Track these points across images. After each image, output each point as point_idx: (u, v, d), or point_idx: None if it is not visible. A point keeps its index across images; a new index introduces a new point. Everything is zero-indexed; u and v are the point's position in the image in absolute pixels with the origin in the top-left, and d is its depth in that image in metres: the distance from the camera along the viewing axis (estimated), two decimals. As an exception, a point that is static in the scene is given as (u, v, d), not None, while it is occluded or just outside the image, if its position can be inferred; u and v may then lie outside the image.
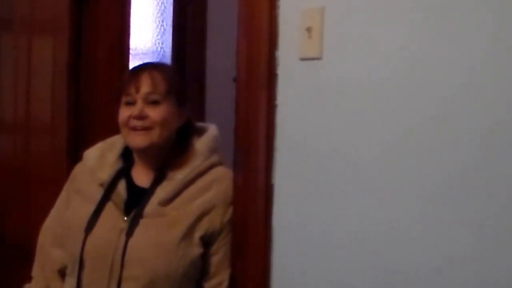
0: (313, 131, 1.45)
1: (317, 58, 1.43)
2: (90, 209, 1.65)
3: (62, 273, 1.73)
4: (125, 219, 1.62)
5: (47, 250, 1.77)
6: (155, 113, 1.63)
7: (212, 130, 1.75)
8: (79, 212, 1.68)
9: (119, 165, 1.72)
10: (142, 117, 1.62)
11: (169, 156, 1.68)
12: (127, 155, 1.73)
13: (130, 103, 1.65)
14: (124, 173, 1.71)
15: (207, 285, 1.64)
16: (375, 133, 1.32)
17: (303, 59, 1.47)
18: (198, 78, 3.15)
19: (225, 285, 1.63)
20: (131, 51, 2.49)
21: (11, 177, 2.53)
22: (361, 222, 1.34)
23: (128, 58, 2.45)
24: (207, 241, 1.62)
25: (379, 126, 1.31)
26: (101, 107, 2.32)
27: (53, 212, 1.81)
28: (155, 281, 1.57)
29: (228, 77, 2.26)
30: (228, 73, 2.23)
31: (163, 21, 3.22)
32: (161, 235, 1.59)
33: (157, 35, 3.21)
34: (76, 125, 2.33)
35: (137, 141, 1.64)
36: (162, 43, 3.22)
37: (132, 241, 1.58)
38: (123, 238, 1.59)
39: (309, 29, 1.43)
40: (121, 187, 1.68)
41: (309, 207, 1.46)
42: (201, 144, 1.70)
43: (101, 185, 1.68)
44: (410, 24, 1.26)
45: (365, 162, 1.33)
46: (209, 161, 1.68)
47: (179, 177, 1.65)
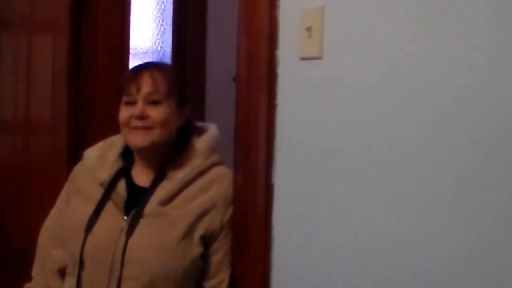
0: (313, 131, 1.45)
1: (317, 57, 1.43)
2: (90, 209, 1.65)
3: (62, 272, 1.73)
4: (125, 218, 1.62)
5: (47, 249, 1.77)
6: (156, 113, 1.63)
7: (212, 129, 1.75)
8: (79, 211, 1.68)
9: (119, 165, 1.72)
10: (143, 117, 1.62)
11: (169, 155, 1.68)
12: (127, 154, 1.73)
13: (130, 103, 1.64)
14: (124, 172, 1.71)
15: (207, 285, 1.64)
16: (375, 132, 1.32)
17: (303, 59, 1.47)
18: (198, 77, 3.15)
19: (225, 285, 1.63)
20: (131, 51, 2.49)
21: (11, 177, 2.52)
22: (361, 222, 1.34)
23: (128, 58, 2.44)
24: (207, 241, 1.62)
25: (379, 125, 1.31)
26: (101, 107, 2.32)
27: (53, 211, 1.81)
28: (155, 280, 1.57)
29: (228, 76, 2.26)
30: (228, 73, 2.24)
31: (163, 21, 3.22)
32: (161, 235, 1.59)
33: (157, 35, 3.20)
34: (76, 125, 2.33)
35: (137, 140, 1.64)
36: (162, 43, 3.21)
37: (132, 240, 1.58)
38: (123, 237, 1.59)
39: (309, 29, 1.43)
40: (121, 187, 1.68)
41: (309, 207, 1.46)
42: (201, 143, 1.70)
43: (101, 185, 1.68)
44: (410, 23, 1.26)
45: (365, 162, 1.33)
46: (209, 160, 1.68)
47: (179, 176, 1.65)
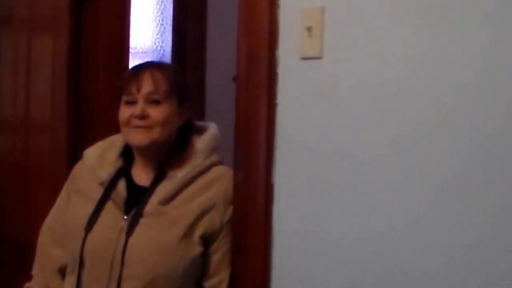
0: (313, 130, 1.45)
1: (317, 57, 1.43)
2: (90, 208, 1.65)
3: (62, 272, 1.73)
4: (125, 218, 1.62)
5: (47, 249, 1.77)
6: (157, 113, 1.63)
7: (212, 129, 1.75)
8: (79, 211, 1.68)
9: (119, 164, 1.72)
10: (143, 116, 1.62)
11: (169, 155, 1.68)
12: (127, 154, 1.73)
13: (131, 102, 1.64)
14: (124, 172, 1.70)
15: (207, 284, 1.64)
16: (375, 132, 1.32)
17: (303, 59, 1.47)
18: (198, 77, 3.15)
19: (225, 284, 1.63)
20: (130, 50, 2.49)
21: (11, 176, 2.52)
22: (361, 221, 1.34)
23: (128, 57, 2.44)
24: (207, 240, 1.62)
25: (379, 125, 1.31)
26: (101, 107, 2.32)
27: (53, 211, 1.81)
28: (155, 280, 1.57)
29: (228, 76, 2.26)
30: (228, 72, 2.23)
31: (163, 20, 3.22)
32: (161, 234, 1.59)
33: (157, 34, 3.20)
34: (75, 125, 2.33)
35: (138, 139, 1.64)
36: (162, 42, 3.21)
37: (132, 240, 1.58)
38: (123, 237, 1.59)
39: (309, 29, 1.43)
40: (121, 186, 1.68)
41: (309, 206, 1.46)
42: (201, 143, 1.70)
43: (101, 184, 1.68)
44: (410, 23, 1.26)
45: (365, 161, 1.33)
46: (209, 160, 1.68)
47: (179, 176, 1.65)
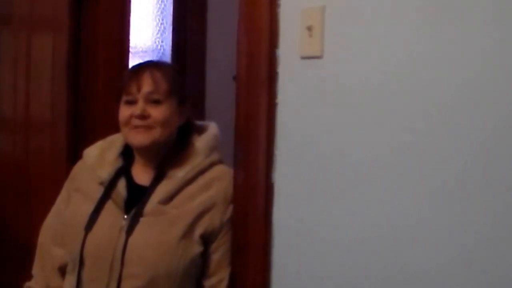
0: (313, 130, 1.45)
1: (318, 56, 1.42)
2: (90, 208, 1.65)
3: (62, 271, 1.73)
4: (125, 217, 1.62)
5: (47, 248, 1.77)
6: (157, 113, 1.63)
7: (212, 128, 1.75)
8: (79, 210, 1.68)
9: (119, 164, 1.72)
10: (144, 116, 1.62)
11: (169, 154, 1.68)
12: (127, 153, 1.73)
13: (131, 102, 1.64)
14: (124, 171, 1.71)
15: (207, 283, 1.64)
16: (376, 132, 1.31)
17: (303, 58, 1.46)
18: (198, 76, 3.15)
19: (225, 283, 1.63)
20: (130, 49, 2.48)
21: (11, 176, 2.52)
22: (361, 221, 1.34)
23: (128, 56, 2.44)
24: (207, 239, 1.62)
25: (380, 125, 1.31)
26: (101, 106, 2.32)
27: (53, 210, 1.81)
28: (155, 279, 1.57)
29: (228, 76, 2.26)
30: (228, 72, 2.24)
31: (163, 19, 3.22)
32: (162, 234, 1.59)
33: (157, 33, 3.20)
34: (75, 124, 2.33)
35: (138, 139, 1.64)
36: (162, 41, 3.22)
37: (132, 239, 1.58)
38: (123, 236, 1.59)
39: (309, 28, 1.43)
40: (121, 186, 1.68)
41: (309, 206, 1.46)
42: (201, 142, 1.70)
43: (101, 184, 1.68)
44: (410, 23, 1.25)
45: (365, 161, 1.33)
46: (210, 159, 1.68)
47: (179, 175, 1.65)
